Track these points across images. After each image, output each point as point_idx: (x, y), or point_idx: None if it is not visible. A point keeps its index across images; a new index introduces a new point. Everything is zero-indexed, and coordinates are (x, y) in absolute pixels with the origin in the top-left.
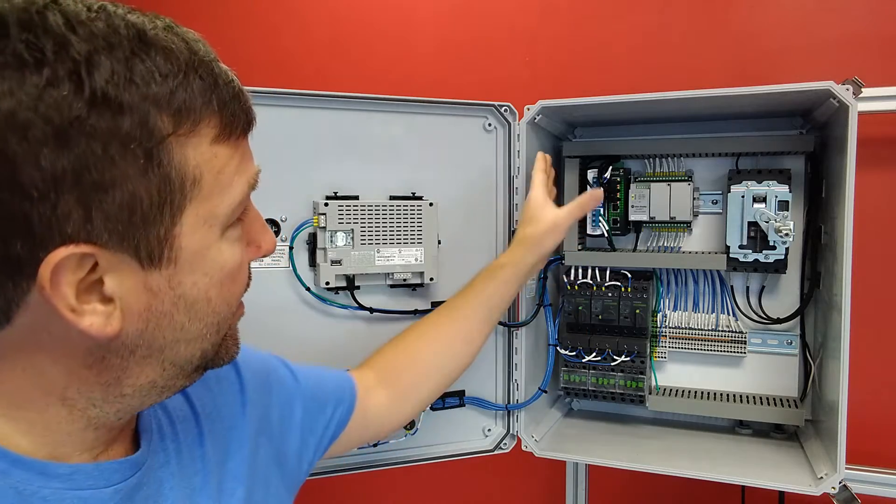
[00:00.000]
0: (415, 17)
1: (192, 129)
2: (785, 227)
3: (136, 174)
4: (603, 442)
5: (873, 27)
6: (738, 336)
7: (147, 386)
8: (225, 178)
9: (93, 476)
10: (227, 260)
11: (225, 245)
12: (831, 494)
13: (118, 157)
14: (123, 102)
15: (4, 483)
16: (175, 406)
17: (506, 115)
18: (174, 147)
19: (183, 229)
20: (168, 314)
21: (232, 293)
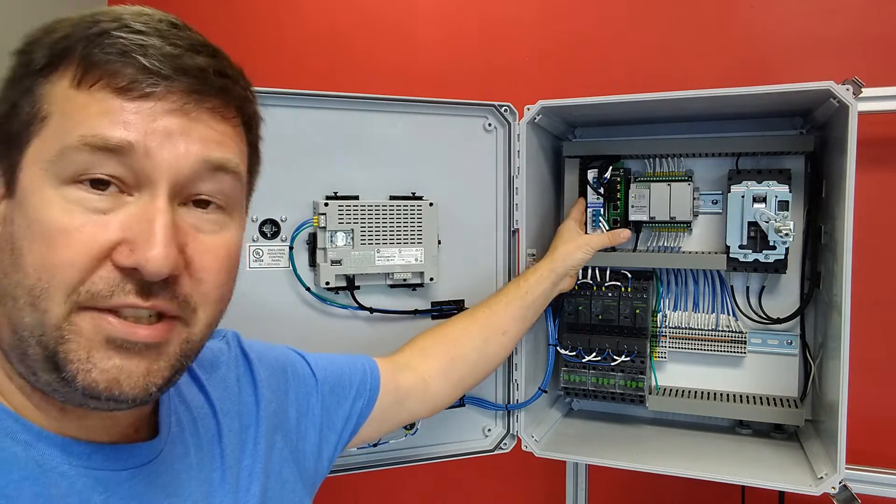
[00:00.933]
0: (415, 17)
1: (56, 67)
2: (785, 227)
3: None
4: (603, 442)
5: (873, 27)
6: (738, 336)
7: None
8: (68, 123)
9: (110, 457)
10: (50, 215)
11: (56, 199)
12: (831, 494)
13: (12, 81)
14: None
15: (27, 455)
16: (196, 404)
17: (506, 115)
18: (44, 83)
19: (24, 162)
20: (2, 249)
21: (46, 259)
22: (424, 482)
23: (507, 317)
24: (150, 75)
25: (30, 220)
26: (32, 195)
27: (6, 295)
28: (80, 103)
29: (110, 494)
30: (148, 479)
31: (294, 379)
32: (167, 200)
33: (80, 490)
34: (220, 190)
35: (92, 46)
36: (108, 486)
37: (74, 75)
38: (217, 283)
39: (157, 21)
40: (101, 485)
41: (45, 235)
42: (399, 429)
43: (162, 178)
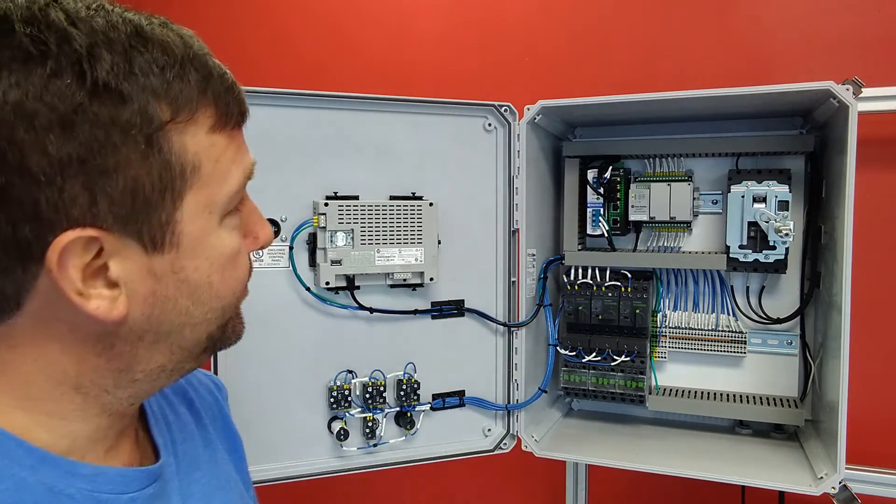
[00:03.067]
0: (415, 17)
1: (189, 117)
2: (785, 227)
3: (138, 160)
4: (603, 442)
5: (873, 27)
6: (738, 336)
7: (157, 370)
8: (222, 166)
9: (114, 481)
10: (227, 246)
11: (224, 232)
12: (831, 494)
13: (120, 143)
14: (123, 91)
15: (35, 479)
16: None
17: (506, 115)
18: (173, 135)
19: (184, 215)
20: (172, 298)
21: (234, 278)
22: (424, 482)
23: None
24: (243, 105)
25: (210, 257)
26: (208, 237)
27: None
28: (223, 145)
29: None
30: (146, 501)
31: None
32: None
33: None
34: None
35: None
36: None
37: (215, 121)
38: None
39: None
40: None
41: (232, 262)
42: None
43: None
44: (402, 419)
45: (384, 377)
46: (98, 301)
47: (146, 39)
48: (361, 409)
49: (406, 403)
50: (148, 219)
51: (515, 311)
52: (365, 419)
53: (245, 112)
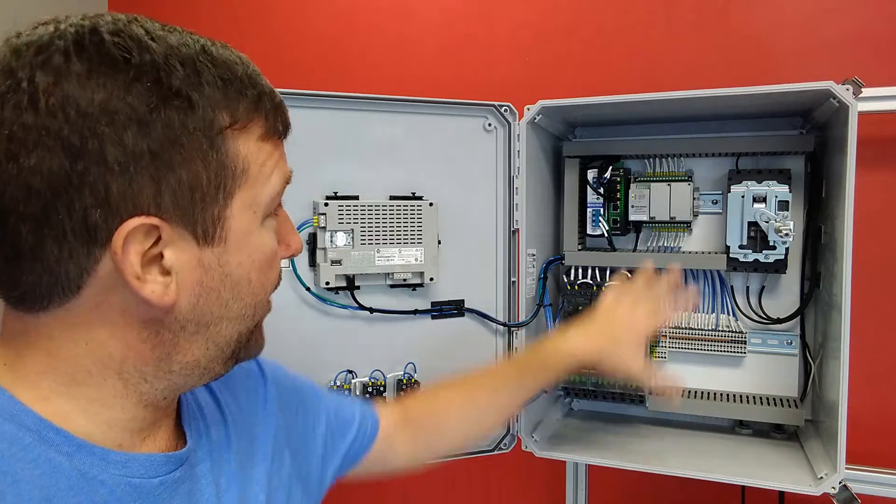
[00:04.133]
0: (415, 17)
1: (244, 126)
2: (785, 227)
3: (200, 158)
4: (603, 442)
5: (873, 27)
6: (738, 336)
7: (192, 364)
8: (266, 170)
9: (144, 465)
10: (266, 245)
11: (265, 233)
12: (831, 494)
13: (186, 142)
14: (192, 98)
15: (70, 465)
16: (210, 411)
17: (506, 115)
18: (229, 139)
19: (233, 212)
20: (216, 290)
21: (268, 278)
22: (425, 482)
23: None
24: (287, 120)
25: (252, 254)
26: (251, 235)
27: (221, 319)
28: (268, 152)
29: (142, 501)
30: (174, 486)
31: (303, 402)
32: None
33: (119, 497)
34: None
35: (267, 102)
36: (141, 494)
37: (264, 129)
38: None
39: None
40: (135, 491)
41: (268, 261)
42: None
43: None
44: None
45: (384, 377)
46: (153, 286)
47: (212, 57)
48: None
49: None
50: (203, 213)
51: (515, 311)
52: None
53: (288, 126)
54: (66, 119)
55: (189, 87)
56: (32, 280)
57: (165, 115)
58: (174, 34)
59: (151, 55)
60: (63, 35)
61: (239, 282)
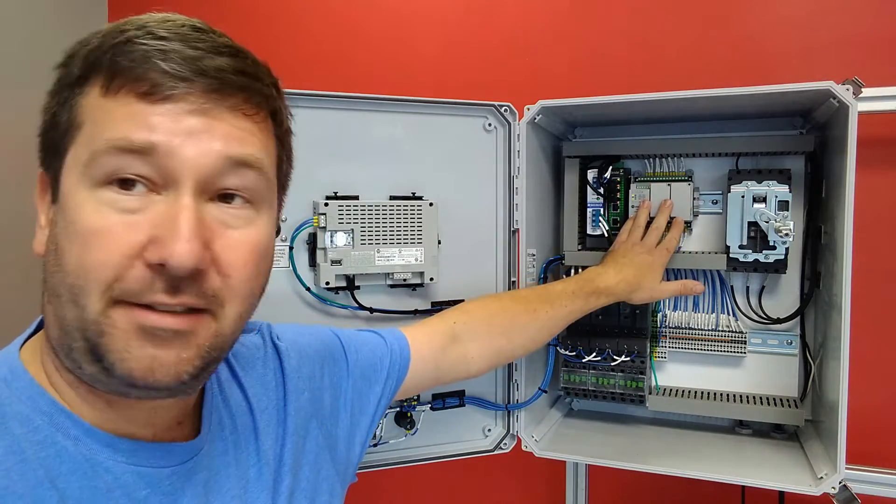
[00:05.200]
0: (415, 17)
1: (87, 78)
2: (785, 227)
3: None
4: (603, 442)
5: (873, 27)
6: (738, 336)
7: (57, 342)
8: (97, 129)
9: (154, 455)
10: (84, 217)
11: (90, 201)
12: (831, 494)
13: (52, 94)
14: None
15: (76, 449)
16: (235, 402)
17: (506, 115)
18: (79, 93)
19: (64, 168)
20: (49, 251)
21: (82, 259)
22: (424, 482)
23: (562, 321)
24: (170, 78)
25: (68, 221)
26: (70, 198)
27: (52, 293)
28: (108, 109)
29: (152, 490)
30: (187, 476)
31: (328, 363)
32: (192, 197)
33: (124, 484)
34: (245, 185)
35: (117, 55)
36: (151, 482)
37: (103, 84)
38: (244, 277)
39: (180, 26)
40: (143, 480)
41: (81, 236)
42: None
43: (186, 175)
44: (402, 419)
45: None
46: (40, 235)
47: (125, 22)
48: None
49: (406, 403)
50: (55, 165)
51: None
52: None
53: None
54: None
55: (77, 50)
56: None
57: (57, 74)
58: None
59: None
60: None
61: (59, 249)
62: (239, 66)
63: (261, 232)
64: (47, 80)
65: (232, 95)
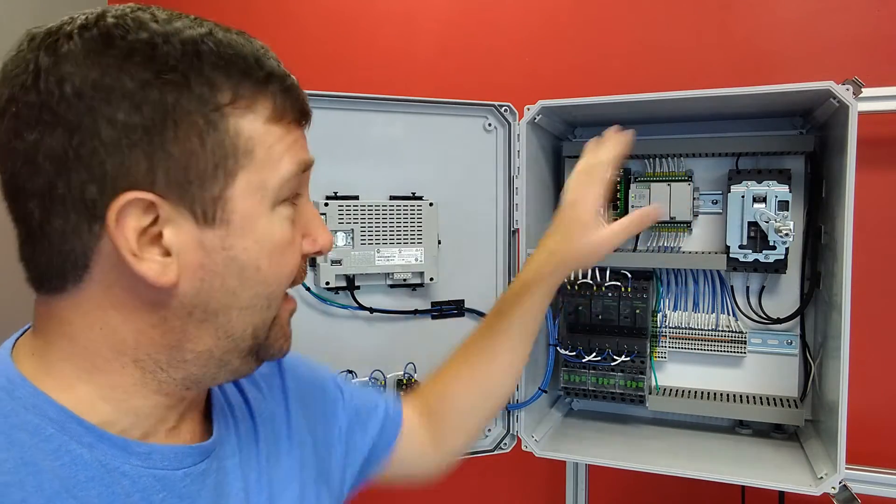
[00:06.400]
0: (416, 17)
1: (247, 105)
2: (785, 227)
3: (195, 136)
4: (603, 442)
5: (873, 27)
6: (738, 336)
7: (205, 354)
8: (275, 154)
9: (168, 457)
10: (276, 233)
11: (276, 219)
12: (831, 494)
13: (181, 119)
14: (188, 76)
15: (91, 456)
16: (236, 403)
17: (506, 115)
18: (231, 118)
19: (235, 193)
20: (220, 275)
21: (281, 267)
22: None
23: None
24: (303, 104)
25: (259, 240)
26: (258, 219)
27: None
28: (279, 135)
29: (168, 493)
30: (200, 478)
31: (325, 394)
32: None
33: (142, 488)
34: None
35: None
36: (166, 485)
37: (272, 112)
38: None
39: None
40: (159, 483)
41: (279, 250)
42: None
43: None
44: None
45: (384, 377)
46: (150, 264)
47: (217, 38)
48: None
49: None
50: (201, 192)
51: None
52: None
53: (307, 113)
54: (62, 97)
55: (185, 65)
56: (45, 259)
57: (158, 92)
58: (183, 19)
59: (149, 34)
60: (73, 21)
61: (245, 268)
62: None
63: None
64: None
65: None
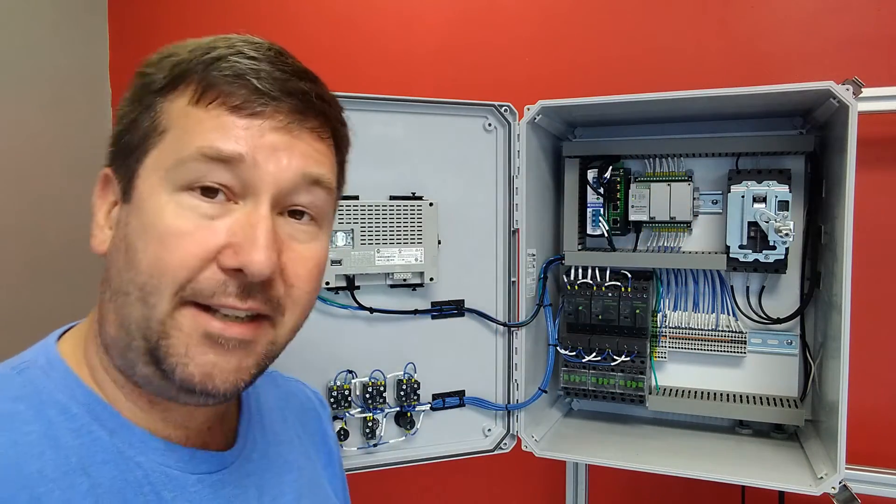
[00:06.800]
0: (416, 17)
1: (175, 87)
2: (785, 227)
3: (139, 113)
4: (603, 442)
5: (873, 27)
6: (738, 336)
7: (113, 341)
8: (185, 136)
9: (183, 459)
10: (165, 218)
11: (171, 204)
12: (831, 494)
13: (133, 99)
14: (156, 66)
15: (110, 441)
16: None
17: (506, 115)
18: (164, 101)
19: (141, 170)
20: (119, 251)
21: (160, 258)
22: (424, 482)
23: None
24: (260, 96)
25: (145, 222)
26: (149, 200)
27: (118, 291)
28: (198, 119)
29: (178, 494)
30: (214, 488)
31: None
32: (269, 209)
33: (153, 482)
34: (314, 203)
35: (210, 69)
36: (177, 486)
37: (193, 94)
38: (306, 289)
39: (266, 49)
40: (171, 482)
41: (159, 237)
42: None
43: (266, 188)
44: (402, 419)
45: (384, 377)
46: (100, 235)
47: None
48: (361, 409)
49: (406, 403)
50: (127, 166)
51: (515, 311)
52: (365, 419)
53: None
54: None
55: (159, 60)
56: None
57: (138, 81)
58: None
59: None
60: None
61: (131, 247)
62: (319, 91)
63: (322, 247)
64: (47, 79)
65: (313, 118)
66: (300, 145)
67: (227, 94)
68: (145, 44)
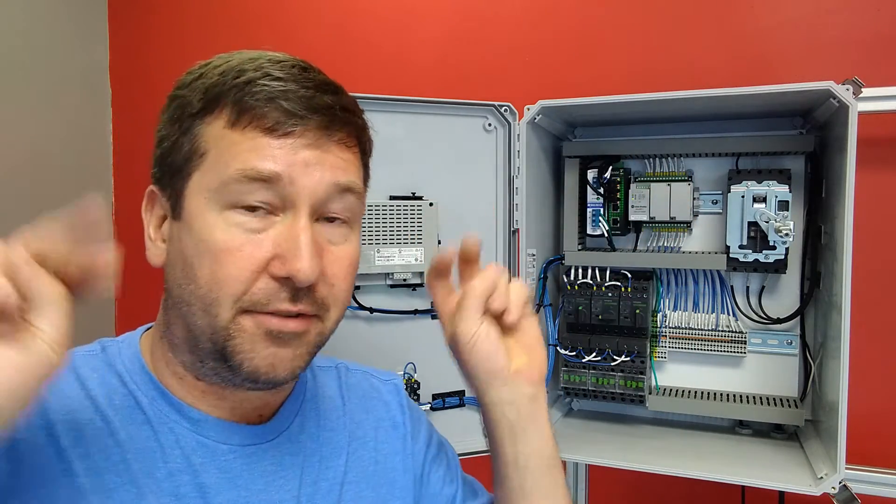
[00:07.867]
0: (416, 17)
1: (211, 111)
2: (785, 227)
3: (178, 136)
4: (603, 442)
5: (873, 27)
6: (738, 336)
7: (181, 340)
8: (225, 158)
9: (216, 429)
10: (216, 237)
11: (219, 222)
12: (831, 494)
13: (172, 121)
14: (190, 88)
15: (151, 408)
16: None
17: (506, 115)
18: (203, 124)
19: (187, 191)
20: (175, 266)
21: (215, 273)
22: None
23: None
24: (290, 116)
25: (197, 240)
26: (198, 218)
27: (180, 301)
28: (234, 141)
29: (208, 461)
30: (249, 460)
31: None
32: (308, 219)
33: (184, 447)
34: (346, 208)
35: (242, 94)
36: (208, 453)
37: (229, 118)
38: (345, 286)
39: (291, 67)
40: (202, 448)
41: (212, 253)
42: None
43: (303, 200)
44: None
45: None
46: (154, 248)
47: (234, 56)
48: None
49: None
50: (172, 185)
51: None
52: None
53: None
54: None
55: (191, 82)
56: None
57: (174, 103)
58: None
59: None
60: None
61: (187, 263)
62: (343, 102)
63: (355, 247)
64: (47, 79)
65: (339, 129)
66: (329, 158)
67: (259, 116)
68: (145, 44)
